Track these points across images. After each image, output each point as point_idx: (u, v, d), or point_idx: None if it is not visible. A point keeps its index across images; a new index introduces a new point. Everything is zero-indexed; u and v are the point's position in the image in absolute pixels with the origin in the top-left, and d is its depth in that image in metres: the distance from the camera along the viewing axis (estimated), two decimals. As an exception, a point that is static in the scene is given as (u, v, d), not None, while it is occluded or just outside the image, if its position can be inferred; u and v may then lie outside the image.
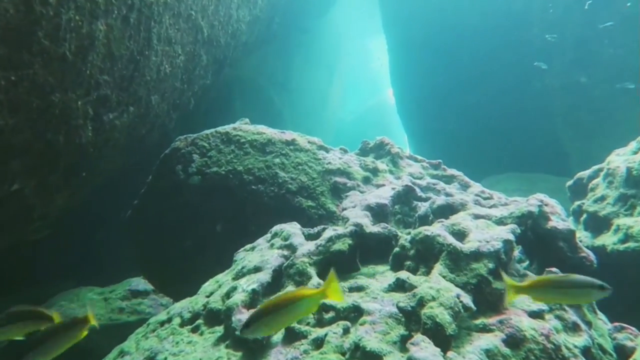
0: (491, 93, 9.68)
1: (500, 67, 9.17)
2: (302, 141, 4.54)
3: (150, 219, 4.26)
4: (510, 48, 8.85)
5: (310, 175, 4.32)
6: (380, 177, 4.51)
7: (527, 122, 8.87)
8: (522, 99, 8.71)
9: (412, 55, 13.75)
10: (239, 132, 4.43)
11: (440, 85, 11.84)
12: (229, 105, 14.29)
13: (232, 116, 15.60)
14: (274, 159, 4.34)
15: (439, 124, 12.37)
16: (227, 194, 4.21)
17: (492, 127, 9.78)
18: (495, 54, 9.21)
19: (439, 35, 11.19)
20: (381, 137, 4.85)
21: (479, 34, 9.65)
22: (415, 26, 12.73)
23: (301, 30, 16.61)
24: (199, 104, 6.74)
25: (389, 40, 17.65)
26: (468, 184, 4.60)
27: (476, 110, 10.34)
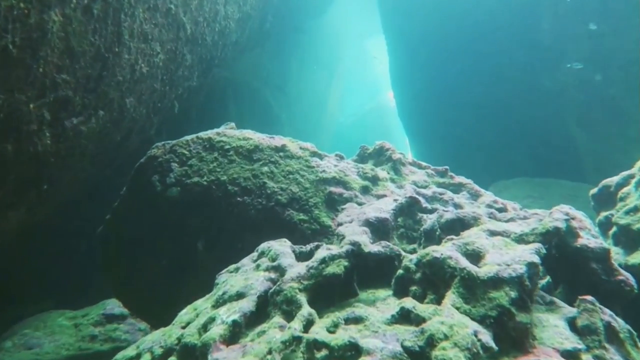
0: (497, 93, 9.33)
1: (507, 66, 8.84)
2: (293, 147, 4.19)
3: (124, 235, 3.89)
4: (518, 45, 8.52)
5: (302, 185, 3.96)
6: (380, 186, 4.15)
7: (538, 124, 8.52)
8: (532, 98, 8.37)
9: (412, 55, 13.44)
10: (222, 138, 4.07)
11: (442, 86, 11.50)
12: (223, 110, 13.97)
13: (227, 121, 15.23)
14: (262, 168, 3.98)
15: (441, 127, 12.01)
16: (210, 207, 3.85)
17: (499, 129, 9.43)
18: (502, 52, 8.88)
19: (441, 34, 10.87)
20: (381, 142, 4.49)
21: (484, 31, 9.32)
22: (416, 24, 12.43)
23: (297, 30, 16.33)
24: (187, 107, 6.40)
25: (388, 40, 17.41)
26: (478, 192, 4.24)
27: (481, 112, 10.00)
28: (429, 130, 13.05)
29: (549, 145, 8.44)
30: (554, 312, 2.39)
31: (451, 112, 11.36)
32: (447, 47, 10.81)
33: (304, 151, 4.23)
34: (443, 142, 12.09)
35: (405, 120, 15.83)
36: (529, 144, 8.80)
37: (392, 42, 16.19)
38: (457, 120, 11.15)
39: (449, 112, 11.47)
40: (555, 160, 8.24)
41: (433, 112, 12.36)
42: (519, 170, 8.54)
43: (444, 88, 11.40)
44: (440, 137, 12.16)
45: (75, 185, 4.08)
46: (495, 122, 9.58)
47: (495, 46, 9.14)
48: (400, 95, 16.20)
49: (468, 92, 10.35)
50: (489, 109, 9.76)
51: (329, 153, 4.62)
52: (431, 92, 12.24)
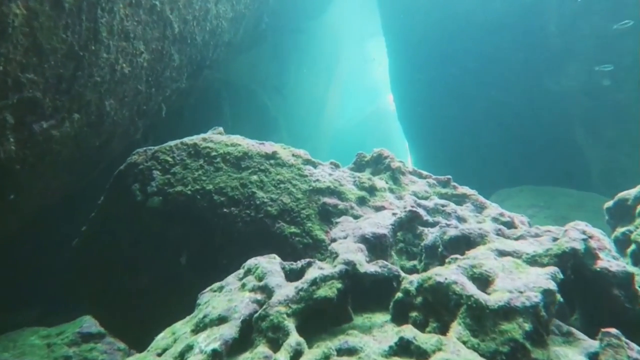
0: (500, 97, 9.11)
1: (511, 69, 8.62)
2: (284, 154, 3.94)
3: (101, 249, 3.64)
4: (522, 47, 8.31)
5: (294, 196, 3.72)
6: (378, 197, 3.91)
7: (542, 129, 8.29)
8: (536, 103, 8.15)
9: (413, 57, 13.23)
10: (209, 144, 3.83)
11: (443, 90, 11.28)
12: (218, 112, 13.74)
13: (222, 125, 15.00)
14: (251, 176, 3.74)
15: (442, 132, 11.79)
16: (194, 218, 3.60)
17: (502, 135, 9.20)
18: (505, 54, 8.66)
19: (442, 35, 10.66)
20: (379, 149, 4.25)
21: (486, 32, 9.11)
22: (416, 26, 12.22)
23: (295, 31, 16.13)
24: (177, 110, 6.16)
25: (388, 41, 17.24)
26: (483, 204, 4.00)
27: (483, 116, 9.77)
28: (429, 135, 12.83)
29: (554, 151, 8.22)
30: (572, 345, 2.14)
31: (452, 116, 11.14)
32: (448, 50, 10.60)
33: (296, 159, 3.99)
34: (443, 148, 11.86)
35: (405, 124, 15.61)
36: (532, 150, 8.57)
37: (392, 43, 16.00)
38: (458, 125, 10.93)
39: (450, 116, 11.25)
40: (560, 168, 8.01)
41: (433, 116, 12.14)
42: (522, 177, 8.31)
43: (445, 91, 11.18)
44: (441, 142, 11.93)
45: (49, 194, 3.83)
46: (497, 127, 9.36)
47: (498, 48, 8.93)
48: (400, 99, 16.00)
49: (469, 96, 10.14)
50: (491, 114, 9.54)
51: (327, 158, 4.38)
52: (431, 96, 12.02)
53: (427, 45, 11.85)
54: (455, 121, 10.97)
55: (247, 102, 17.85)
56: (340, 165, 4.12)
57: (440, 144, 12.11)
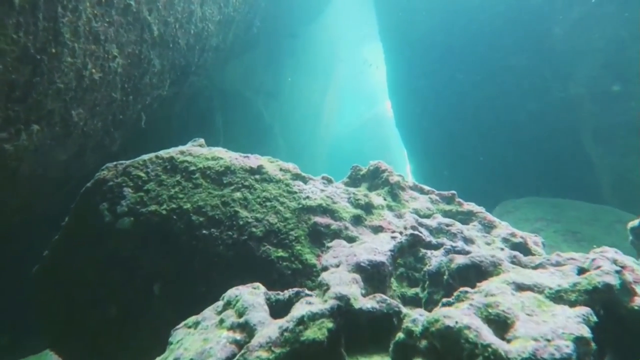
0: (504, 104, 8.83)
1: (515, 75, 8.34)
2: (271, 168, 3.62)
3: (64, 277, 3.29)
4: (527, 52, 8.04)
5: (281, 215, 3.40)
6: (375, 215, 3.58)
7: (548, 138, 8.00)
8: (542, 110, 7.86)
9: (411, 63, 12.98)
10: (187, 158, 3.50)
11: (443, 96, 11.00)
12: (209, 121, 13.43)
13: (214, 134, 14.68)
14: (234, 193, 3.41)
15: (442, 140, 11.49)
16: (169, 241, 3.27)
17: (506, 143, 8.90)
18: (509, 60, 8.39)
19: (441, 41, 10.40)
20: (376, 162, 3.93)
21: (489, 37, 8.85)
22: (415, 31, 11.98)
23: (290, 36, 15.88)
24: (160, 119, 5.84)
25: (385, 47, 17.03)
26: (492, 223, 3.68)
27: (486, 124, 9.48)
28: (429, 144, 12.53)
29: (561, 161, 7.93)
30: (609, 404, 1.80)
31: (452, 124, 10.86)
32: (448, 55, 10.33)
33: (284, 173, 3.67)
34: (443, 157, 11.57)
35: (403, 131, 15.33)
36: (538, 159, 8.27)
37: (389, 48, 15.77)
38: (458, 133, 10.64)
39: (450, 124, 10.97)
40: (567, 178, 7.71)
41: (432, 124, 11.85)
42: (528, 188, 8.00)
43: (445, 98, 10.91)
44: (440, 151, 11.64)
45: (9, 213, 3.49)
46: (501, 135, 9.07)
47: (501, 53, 8.67)
48: (397, 105, 15.74)
49: (470, 103, 9.86)
50: (493, 121, 9.25)
51: (324, 166, 4.07)
52: (430, 103, 11.75)
53: (425, 50, 11.60)
54: (456, 129, 10.68)
55: (240, 109, 17.59)
56: (333, 180, 3.80)
57: (439, 153, 11.82)
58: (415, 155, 15.45)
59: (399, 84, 15.08)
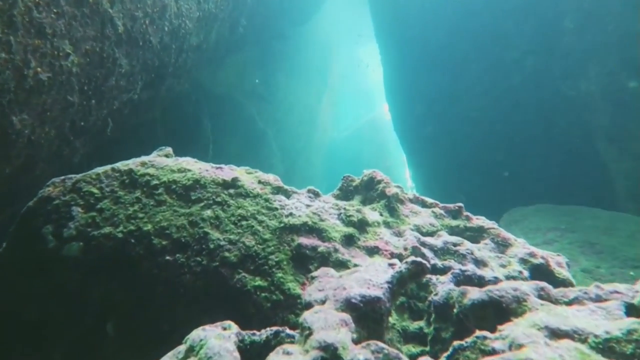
0: (509, 106, 8.41)
1: (521, 73, 7.92)
2: (248, 181, 3.18)
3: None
4: (533, 48, 7.63)
5: (260, 236, 2.96)
6: (370, 234, 3.14)
7: (558, 140, 7.58)
8: (551, 111, 7.44)
9: (408, 64, 12.61)
10: (149, 170, 3.05)
11: (443, 98, 10.59)
12: (196, 127, 13.00)
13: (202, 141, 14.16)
14: (204, 211, 2.96)
15: (443, 144, 11.06)
16: (126, 270, 2.82)
17: (512, 146, 8.47)
18: (513, 57, 7.98)
19: (440, 38, 10.01)
20: (370, 172, 3.50)
21: (493, 33, 8.44)
22: (412, 29, 11.60)
23: (281, 37, 15.50)
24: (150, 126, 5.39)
25: (381, 48, 16.71)
26: (506, 240, 3.24)
27: (490, 126, 9.06)
28: (428, 147, 12.11)
29: (572, 165, 7.51)
30: None
31: (453, 126, 10.44)
32: (448, 53, 9.93)
33: (264, 186, 3.22)
34: (444, 161, 11.14)
35: (401, 135, 14.91)
36: (547, 163, 7.85)
37: (386, 49, 15.40)
38: (460, 135, 10.22)
39: (451, 126, 10.55)
40: (579, 184, 7.29)
41: (432, 126, 11.44)
42: (536, 194, 7.56)
43: (445, 99, 10.50)
44: (442, 155, 11.21)
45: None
46: (506, 138, 8.65)
47: (505, 50, 8.26)
48: (395, 108, 15.34)
49: (473, 104, 9.44)
50: (498, 123, 8.83)
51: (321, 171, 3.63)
52: (429, 105, 11.34)
53: (423, 50, 11.23)
54: (457, 132, 10.27)
55: (231, 114, 17.23)
56: (320, 193, 3.35)
57: (440, 157, 11.40)
58: (414, 160, 15.04)
59: (396, 85, 14.70)
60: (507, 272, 2.97)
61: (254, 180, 3.24)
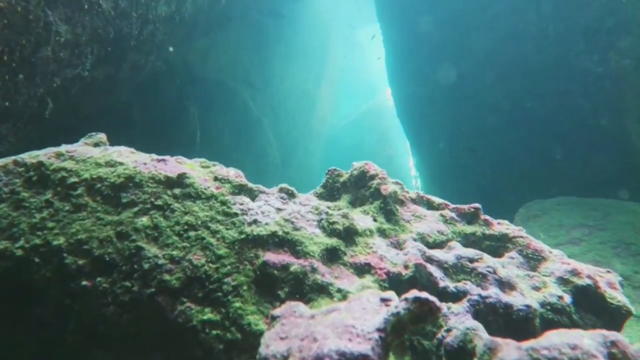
0: (525, 84, 7.67)
1: (539, 47, 7.17)
2: (200, 178, 2.49)
3: None
4: (553, 18, 6.86)
5: (212, 252, 2.29)
6: (360, 246, 2.47)
7: (580, 122, 6.85)
8: (573, 89, 6.71)
9: (413, 46, 11.87)
10: (65, 164, 2.37)
11: (450, 81, 9.85)
12: (182, 114, 12.29)
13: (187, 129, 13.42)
14: (138, 219, 2.29)
15: (450, 129, 10.34)
16: (27, 301, 2.14)
17: (528, 130, 7.74)
18: (531, 30, 7.22)
19: (448, 11, 9.23)
20: (361, 164, 2.81)
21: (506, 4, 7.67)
22: (418, 8, 10.83)
23: (274, 15, 14.71)
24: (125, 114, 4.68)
25: (384, 29, 16.01)
26: (538, 253, 2.56)
27: (503, 108, 8.32)
28: (434, 133, 11.39)
29: (597, 150, 6.78)
30: None
31: (462, 108, 9.71)
32: (456, 27, 9.16)
33: (221, 185, 2.53)
34: (452, 148, 10.43)
35: (405, 121, 14.19)
36: (569, 150, 7.11)
37: (388, 29, 14.62)
38: (469, 119, 9.48)
39: (459, 109, 9.83)
40: (609, 172, 6.56)
41: (438, 111, 10.73)
42: (560, 186, 6.84)
43: (453, 83, 9.76)
44: (448, 143, 10.51)
45: None
46: (521, 121, 7.91)
47: (521, 22, 7.50)
48: (398, 93, 14.61)
49: (484, 83, 8.70)
50: (512, 103, 8.10)
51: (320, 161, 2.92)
52: (436, 87, 10.60)
53: (429, 26, 10.47)
54: (466, 115, 9.55)
55: (223, 100, 16.56)
56: (296, 193, 2.65)
57: (447, 144, 10.70)
58: (419, 147, 14.36)
59: (399, 68, 13.96)
60: (543, 298, 2.29)
61: (208, 176, 2.55)
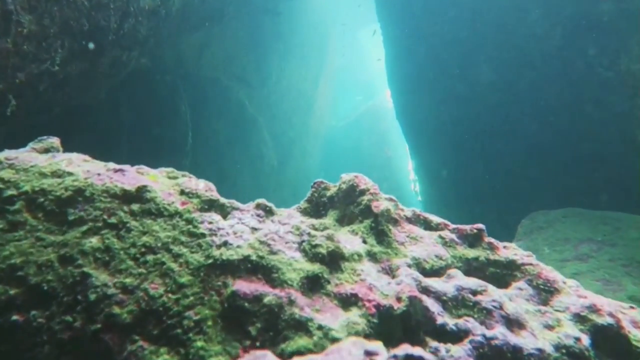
0: (530, 88, 7.38)
1: (545, 49, 6.88)
2: (163, 192, 2.18)
3: None
4: (561, 20, 6.57)
5: (173, 279, 1.99)
6: (346, 273, 2.18)
7: (587, 130, 6.56)
8: (580, 95, 6.42)
9: (415, 45, 11.60)
10: (2, 174, 2.05)
11: (453, 81, 9.57)
12: (172, 113, 11.98)
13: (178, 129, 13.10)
14: (86, 240, 1.99)
15: (451, 133, 10.05)
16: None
17: (532, 137, 7.45)
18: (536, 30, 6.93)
19: (450, 11, 8.95)
20: (351, 177, 2.50)
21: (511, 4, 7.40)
22: (419, 6, 10.55)
23: (270, 12, 14.42)
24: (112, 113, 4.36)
25: (384, 28, 15.79)
26: (551, 284, 2.27)
27: (505, 113, 8.03)
28: (434, 137, 11.11)
29: (604, 160, 6.48)
30: None
31: (463, 112, 9.43)
32: (458, 29, 8.88)
33: (188, 199, 2.22)
34: (452, 152, 10.14)
35: (404, 124, 13.92)
36: (575, 158, 6.81)
37: (389, 29, 14.36)
38: (471, 123, 9.20)
39: (461, 112, 9.54)
40: (618, 182, 6.26)
41: (439, 113, 10.44)
42: (566, 195, 6.55)
43: (454, 83, 9.48)
44: (449, 145, 10.21)
45: None
46: (524, 127, 7.62)
47: (526, 22, 7.22)
48: (398, 94, 14.34)
49: (487, 86, 8.41)
50: (516, 108, 7.82)
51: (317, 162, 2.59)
52: (437, 91, 10.33)
53: (431, 27, 10.22)
54: (467, 119, 9.27)
55: (218, 99, 16.32)
56: (274, 210, 2.34)
57: (447, 148, 10.42)
58: (418, 150, 14.10)
59: (399, 69, 13.70)
60: (557, 339, 1.99)
61: (173, 189, 2.24)
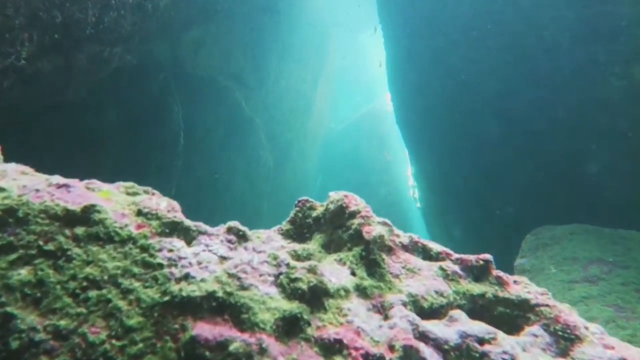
0: (535, 96, 7.13)
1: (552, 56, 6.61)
2: (115, 213, 1.87)
3: None
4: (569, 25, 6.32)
5: (120, 321, 1.67)
6: (330, 313, 1.87)
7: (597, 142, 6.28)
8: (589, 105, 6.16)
9: (417, 48, 11.42)
10: None
11: (455, 87, 9.33)
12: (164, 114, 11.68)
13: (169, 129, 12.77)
14: (15, 272, 1.67)
15: (452, 139, 9.79)
16: None
17: (538, 147, 7.17)
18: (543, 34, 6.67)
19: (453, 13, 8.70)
20: (340, 196, 2.19)
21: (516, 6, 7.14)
22: (422, 8, 10.33)
23: (269, 11, 14.18)
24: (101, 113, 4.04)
25: (385, 30, 15.61)
26: (571, 330, 1.95)
27: (509, 122, 7.76)
28: (434, 143, 10.85)
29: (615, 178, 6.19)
30: None
31: (465, 119, 9.17)
32: (462, 32, 8.63)
33: (146, 221, 1.90)
34: (453, 159, 9.88)
35: (404, 128, 13.67)
36: (588, 168, 6.52)
37: (390, 31, 14.15)
38: (473, 130, 8.94)
39: (462, 119, 9.29)
40: (628, 201, 5.96)
41: (440, 119, 10.20)
42: (573, 212, 6.25)
43: (456, 89, 9.23)
44: (450, 152, 9.95)
45: None
46: (530, 137, 7.35)
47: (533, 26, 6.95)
48: (398, 99, 14.11)
49: (490, 92, 8.15)
50: (520, 117, 7.55)
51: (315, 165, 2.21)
52: (439, 97, 10.08)
53: (434, 30, 9.99)
54: (469, 126, 9.02)
55: (213, 99, 16.07)
56: (248, 236, 2.02)
57: (448, 155, 10.17)
58: (418, 156, 13.88)
59: (400, 73, 13.47)
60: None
61: (129, 209, 1.92)
